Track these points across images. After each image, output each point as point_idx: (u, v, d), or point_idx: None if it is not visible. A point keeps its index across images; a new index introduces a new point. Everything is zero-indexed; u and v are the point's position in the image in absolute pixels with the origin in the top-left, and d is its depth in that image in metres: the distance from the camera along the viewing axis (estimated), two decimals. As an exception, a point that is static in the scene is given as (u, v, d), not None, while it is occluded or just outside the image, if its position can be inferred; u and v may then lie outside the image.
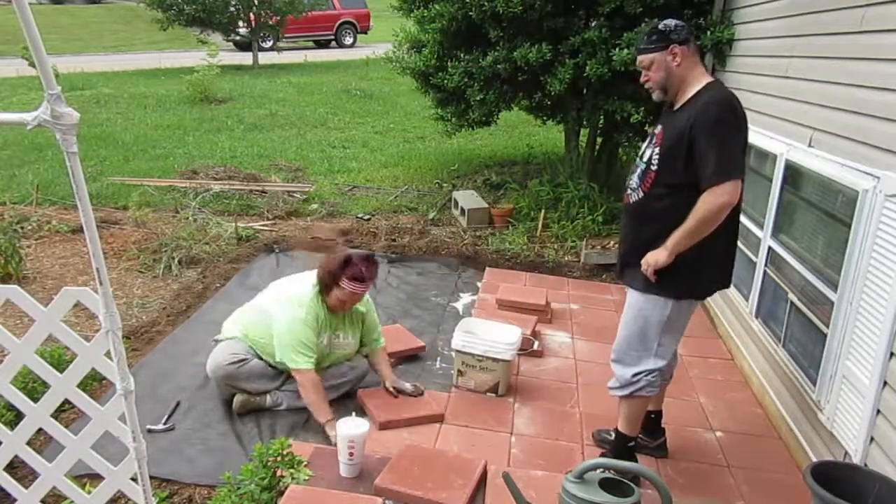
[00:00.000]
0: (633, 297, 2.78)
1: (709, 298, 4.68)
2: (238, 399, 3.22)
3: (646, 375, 2.75)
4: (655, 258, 2.60)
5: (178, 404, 3.27)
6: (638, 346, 2.76)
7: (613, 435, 2.97)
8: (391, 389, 3.36)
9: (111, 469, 1.99)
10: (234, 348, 3.25)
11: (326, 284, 3.21)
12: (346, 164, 8.30)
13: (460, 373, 3.57)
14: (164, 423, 3.13)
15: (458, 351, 3.54)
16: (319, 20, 18.96)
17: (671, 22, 2.63)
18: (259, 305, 3.37)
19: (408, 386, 3.41)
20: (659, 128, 2.70)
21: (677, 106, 2.65)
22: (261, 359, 3.29)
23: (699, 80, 2.62)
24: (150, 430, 3.04)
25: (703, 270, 2.66)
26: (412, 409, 3.30)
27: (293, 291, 3.27)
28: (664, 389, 3.08)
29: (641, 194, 2.68)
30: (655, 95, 2.72)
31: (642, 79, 2.73)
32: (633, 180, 2.75)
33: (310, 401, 3.12)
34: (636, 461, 2.89)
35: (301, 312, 3.16)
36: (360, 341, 3.46)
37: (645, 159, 2.70)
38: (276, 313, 3.21)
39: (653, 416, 3.07)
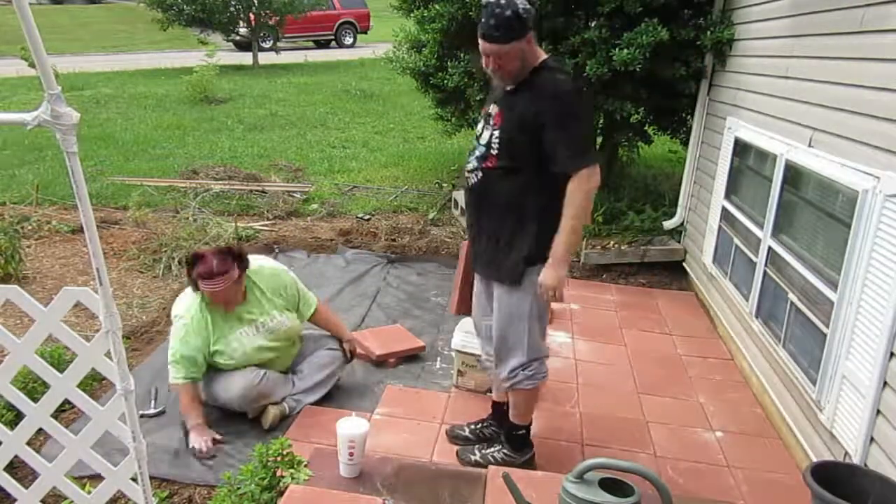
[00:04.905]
0: (504, 293, 2.65)
1: (709, 298, 4.69)
2: (271, 412, 3.13)
3: (522, 370, 2.71)
4: (555, 279, 2.49)
5: (157, 390, 3.31)
6: (513, 341, 2.70)
7: (466, 430, 3.05)
8: (347, 351, 3.47)
9: (111, 469, 1.99)
10: (248, 371, 3.15)
11: (196, 288, 3.10)
12: (346, 164, 8.30)
13: (460, 373, 3.57)
14: (155, 407, 3.19)
15: (458, 351, 3.54)
16: (319, 20, 18.97)
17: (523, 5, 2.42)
18: None
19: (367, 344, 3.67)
20: (495, 108, 2.59)
21: (514, 86, 2.54)
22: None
23: (536, 58, 2.50)
24: (142, 415, 3.07)
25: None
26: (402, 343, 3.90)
27: (178, 308, 3.19)
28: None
29: (481, 175, 2.61)
30: (501, 83, 2.58)
31: (492, 66, 2.49)
32: (472, 162, 2.65)
33: (182, 409, 3.08)
34: (531, 446, 2.90)
35: (179, 324, 3.08)
36: (297, 315, 3.38)
37: (483, 142, 2.60)
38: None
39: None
